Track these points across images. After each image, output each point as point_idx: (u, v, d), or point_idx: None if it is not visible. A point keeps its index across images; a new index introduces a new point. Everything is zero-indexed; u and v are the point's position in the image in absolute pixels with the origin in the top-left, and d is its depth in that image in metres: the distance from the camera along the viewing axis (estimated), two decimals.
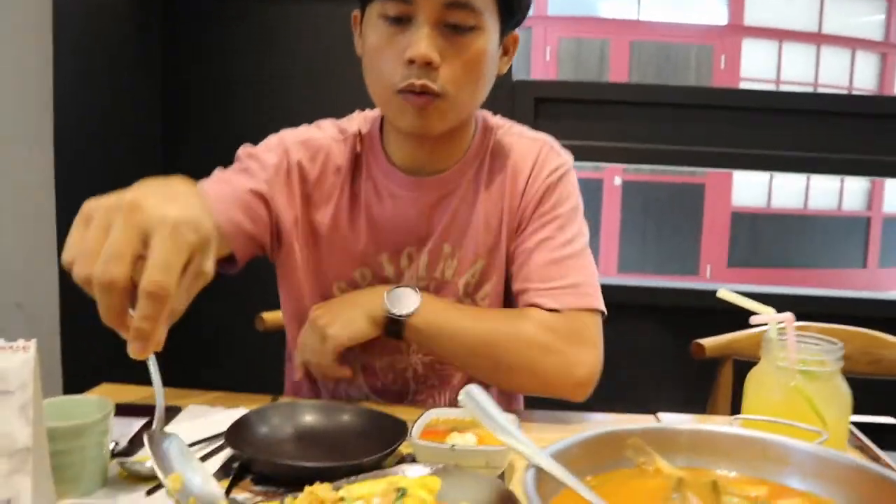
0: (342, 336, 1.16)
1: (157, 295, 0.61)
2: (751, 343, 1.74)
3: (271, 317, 1.72)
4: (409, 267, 1.25)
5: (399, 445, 0.93)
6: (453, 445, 0.88)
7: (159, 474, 0.67)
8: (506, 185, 1.23)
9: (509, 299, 1.27)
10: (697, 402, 1.83)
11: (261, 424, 1.02)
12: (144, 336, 0.62)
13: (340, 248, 1.26)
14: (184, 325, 0.69)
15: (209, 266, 0.68)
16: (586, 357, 1.15)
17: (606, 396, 1.27)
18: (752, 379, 0.96)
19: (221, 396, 1.25)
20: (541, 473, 0.57)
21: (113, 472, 0.91)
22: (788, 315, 0.92)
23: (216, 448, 1.00)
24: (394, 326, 1.15)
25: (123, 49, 2.56)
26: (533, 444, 0.59)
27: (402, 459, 0.97)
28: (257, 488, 0.89)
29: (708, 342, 1.72)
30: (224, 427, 1.05)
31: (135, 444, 0.99)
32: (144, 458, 0.94)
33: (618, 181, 8.78)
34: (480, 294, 1.26)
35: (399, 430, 0.97)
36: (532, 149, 1.25)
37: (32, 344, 0.72)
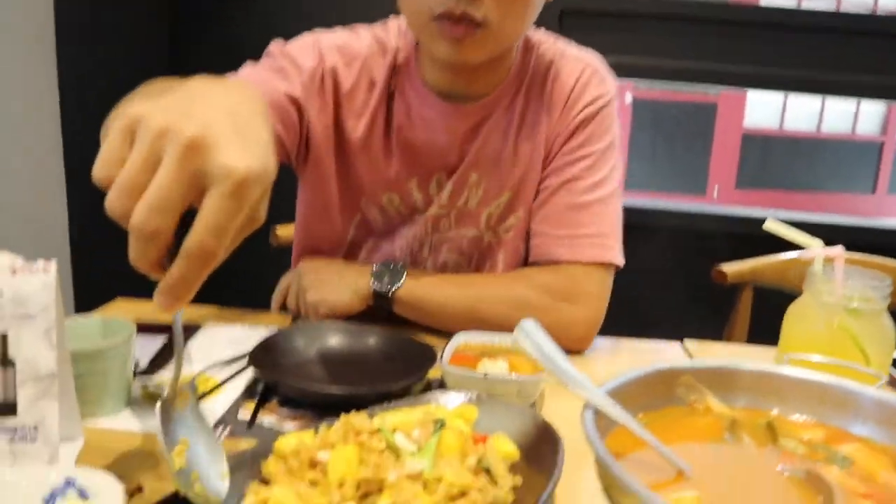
0: (322, 306, 1.13)
1: (203, 258, 0.50)
2: (773, 270, 1.72)
3: (286, 232, 1.67)
4: (438, 195, 1.20)
5: (428, 371, 0.91)
6: (486, 374, 0.86)
7: (164, 449, 0.59)
8: (541, 114, 1.16)
9: None
10: (708, 326, 1.82)
11: (286, 346, 0.99)
12: (179, 295, 0.51)
13: (370, 167, 1.20)
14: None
15: (263, 212, 0.56)
16: (583, 314, 1.11)
17: (617, 319, 1.26)
18: (793, 314, 0.93)
19: (240, 314, 1.22)
20: (597, 412, 0.54)
21: (135, 392, 0.90)
22: (838, 249, 0.88)
23: (239, 370, 0.98)
24: (381, 301, 1.12)
25: None
26: (590, 382, 0.56)
27: (429, 385, 0.96)
28: (284, 410, 0.87)
29: (730, 268, 1.69)
30: (245, 347, 1.03)
31: (156, 364, 0.97)
32: (167, 379, 0.92)
33: (629, 98, 8.61)
34: (504, 227, 1.22)
35: (427, 356, 0.95)
36: (573, 72, 1.16)
37: (53, 265, 0.68)
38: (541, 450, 0.73)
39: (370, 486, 0.61)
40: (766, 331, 1.50)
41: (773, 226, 0.90)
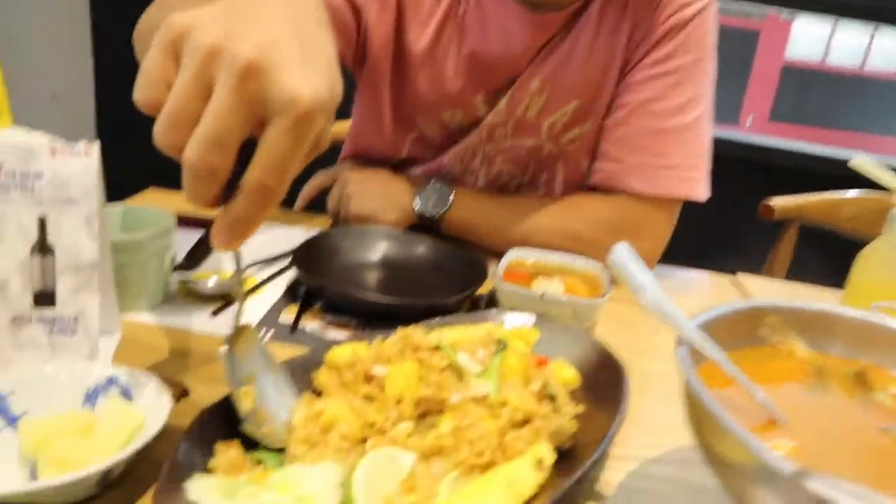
0: (364, 216, 1.06)
1: (265, 196, 0.44)
2: (822, 209, 1.64)
3: (333, 129, 1.61)
4: (504, 108, 1.09)
5: (479, 286, 0.87)
6: (543, 294, 0.81)
7: (231, 387, 0.55)
8: (624, 13, 1.02)
9: None
10: (744, 259, 1.77)
11: (330, 249, 0.94)
12: (239, 233, 0.46)
13: (432, 82, 1.09)
14: None
15: (327, 140, 0.49)
16: (640, 250, 1.01)
17: None
18: (866, 258, 0.87)
19: (279, 214, 1.17)
20: (691, 348, 0.50)
21: (173, 286, 0.86)
22: None
23: (280, 270, 0.94)
24: (427, 222, 1.05)
25: None
26: (683, 316, 0.51)
27: (477, 301, 0.91)
28: (328, 317, 0.83)
29: (778, 203, 1.62)
30: (285, 247, 0.98)
31: (193, 258, 0.93)
32: (205, 276, 0.89)
33: None
34: (567, 137, 1.11)
35: (478, 270, 0.90)
36: None
37: (95, 147, 0.63)
38: (601, 378, 0.69)
39: (430, 406, 0.58)
40: (806, 271, 1.44)
41: (858, 163, 0.83)
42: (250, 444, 0.56)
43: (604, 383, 0.69)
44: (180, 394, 0.59)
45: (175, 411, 0.60)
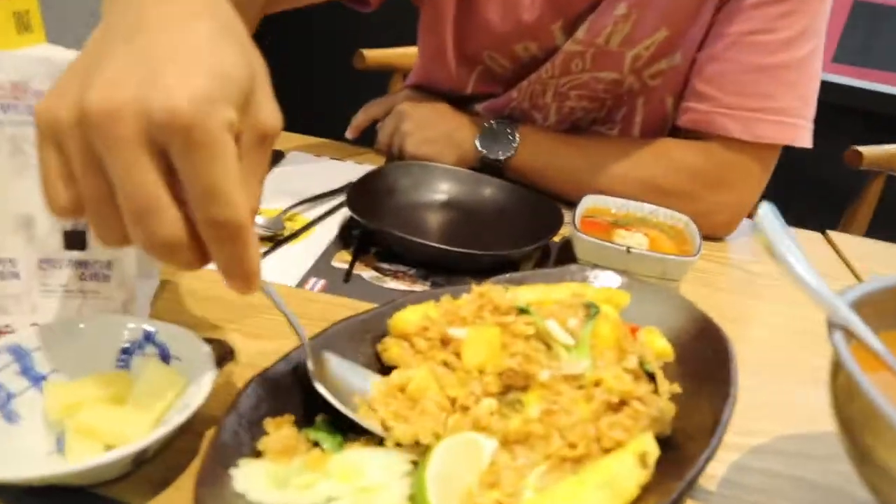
0: (420, 157, 0.96)
1: (235, 236, 0.38)
2: None
3: (373, 54, 1.50)
4: (583, 36, 0.95)
5: (553, 236, 0.78)
6: (629, 248, 0.72)
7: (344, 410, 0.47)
8: None
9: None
10: (813, 210, 1.64)
11: (386, 188, 0.86)
12: (240, 276, 0.40)
13: (506, 10, 0.96)
14: (269, 62, 0.43)
15: (268, 117, 0.40)
16: (729, 201, 0.91)
17: None
18: None
19: (327, 144, 1.09)
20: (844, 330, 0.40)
21: None
22: None
23: (331, 209, 0.86)
24: (489, 167, 0.94)
25: None
26: (829, 292, 0.42)
27: (547, 251, 0.82)
28: (384, 266, 0.75)
29: (867, 151, 1.48)
30: (336, 182, 0.90)
31: None
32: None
33: None
34: (651, 71, 0.97)
35: (552, 218, 0.81)
36: None
37: None
38: (699, 351, 0.60)
39: (514, 380, 0.49)
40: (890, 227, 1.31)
41: None
42: (304, 421, 0.48)
43: (702, 357, 0.60)
44: (226, 355, 0.52)
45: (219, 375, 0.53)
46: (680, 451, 0.49)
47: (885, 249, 1.04)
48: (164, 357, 0.51)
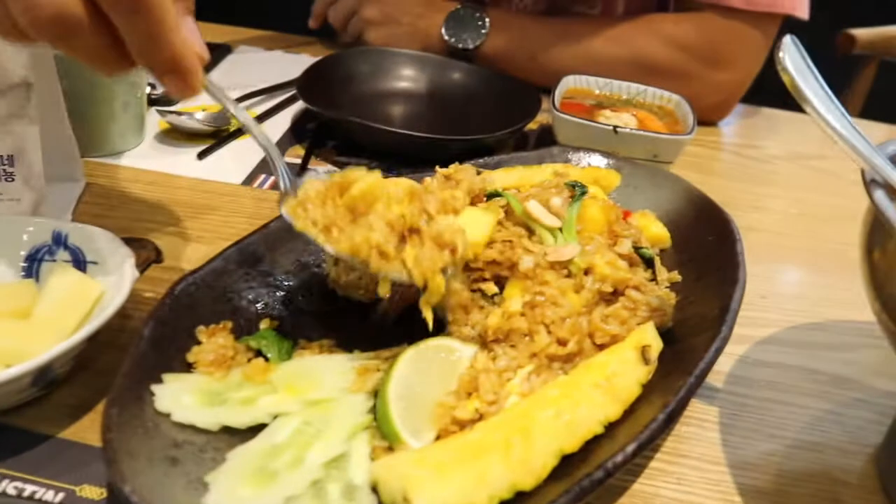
0: (379, 45, 0.85)
1: (143, 4, 0.32)
2: None
3: None
4: None
5: (532, 119, 0.69)
6: (616, 127, 0.64)
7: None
8: None
9: None
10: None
11: (343, 75, 0.76)
12: (173, 66, 0.34)
13: None
14: None
15: None
16: (724, 79, 0.83)
17: None
18: None
19: (279, 37, 0.98)
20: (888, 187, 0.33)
21: (152, 123, 0.69)
22: None
23: (282, 100, 0.76)
24: (459, 55, 0.84)
25: None
26: (872, 147, 0.34)
27: (525, 138, 0.74)
28: (343, 160, 0.67)
29: (861, 33, 1.38)
30: (289, 75, 0.80)
31: None
32: (194, 108, 0.72)
33: None
34: None
35: (530, 102, 0.72)
36: None
37: None
38: (699, 236, 0.54)
39: (499, 269, 0.42)
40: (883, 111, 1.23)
41: None
42: (244, 329, 0.41)
43: (703, 242, 0.53)
44: (152, 258, 0.44)
45: (147, 280, 0.45)
46: (684, 343, 0.43)
47: (886, 130, 0.97)
48: (78, 262, 0.43)
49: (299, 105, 0.75)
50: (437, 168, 0.49)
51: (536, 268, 0.41)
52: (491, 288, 0.42)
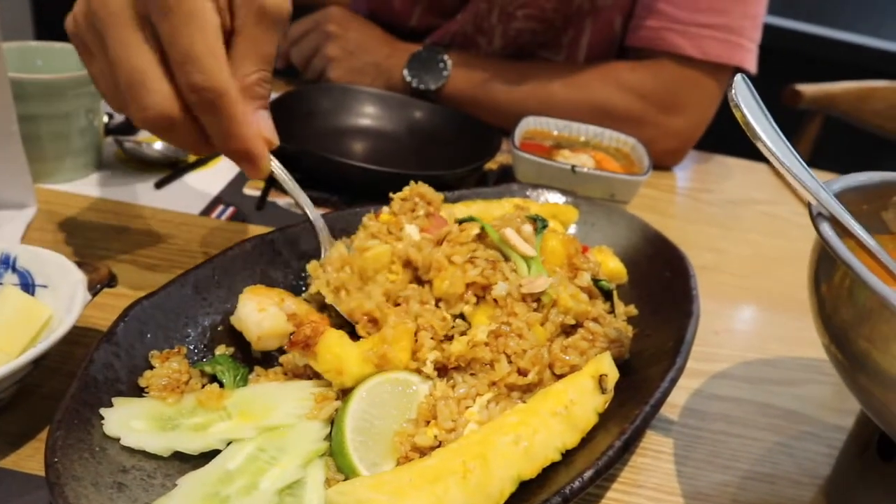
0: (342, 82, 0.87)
1: (215, 104, 0.39)
2: (853, 98, 1.48)
3: None
4: None
5: (492, 157, 0.70)
6: (574, 167, 0.65)
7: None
8: None
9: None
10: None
11: (306, 111, 0.76)
12: (243, 154, 0.42)
13: None
14: None
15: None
16: (679, 126, 0.85)
17: None
18: None
19: None
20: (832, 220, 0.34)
21: (109, 153, 0.68)
22: None
23: None
24: (421, 97, 0.85)
25: None
26: (819, 183, 0.36)
27: (484, 177, 0.75)
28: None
29: (807, 89, 1.44)
30: None
31: None
32: (151, 139, 0.71)
33: None
34: None
35: (489, 141, 0.73)
36: None
37: None
38: (654, 272, 0.55)
39: (476, 290, 0.43)
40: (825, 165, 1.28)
41: None
42: (200, 353, 0.40)
43: (659, 278, 0.54)
44: (104, 281, 0.43)
45: (99, 307, 0.44)
46: (640, 374, 0.43)
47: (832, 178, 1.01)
48: (27, 286, 0.42)
49: None
50: (391, 195, 0.50)
51: (508, 297, 0.41)
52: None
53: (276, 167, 0.46)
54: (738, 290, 0.65)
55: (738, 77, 0.35)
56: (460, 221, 0.46)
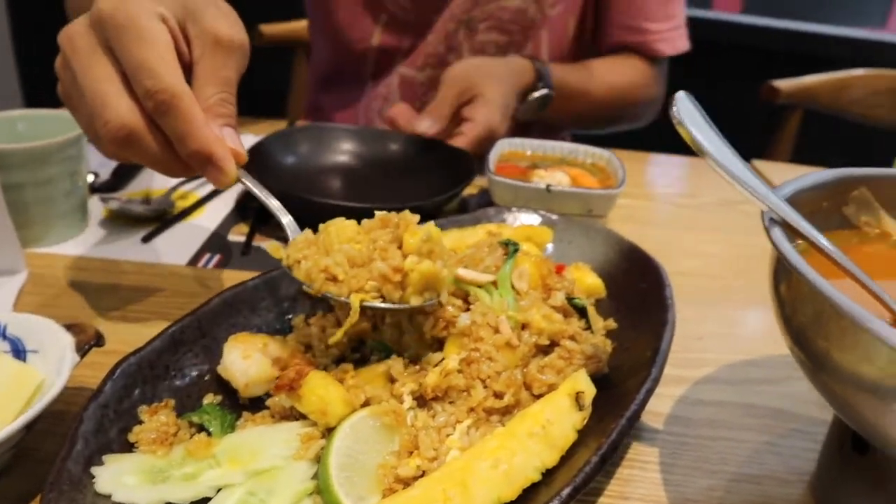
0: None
1: (169, 104, 0.41)
2: (831, 89, 1.49)
3: (271, 30, 1.42)
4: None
5: (468, 184, 0.72)
6: (549, 186, 0.66)
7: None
8: None
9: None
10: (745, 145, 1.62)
11: (286, 153, 0.78)
12: (207, 159, 0.42)
13: None
14: None
15: (218, 25, 0.44)
16: (660, 93, 1.08)
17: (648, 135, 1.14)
18: None
19: None
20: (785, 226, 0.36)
21: (96, 211, 0.70)
22: None
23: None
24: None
25: None
26: (767, 189, 0.37)
27: (465, 204, 0.77)
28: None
29: (784, 84, 1.46)
30: None
31: (120, 176, 0.77)
32: (136, 194, 0.73)
33: None
34: (549, 1, 0.97)
35: (464, 165, 0.75)
36: None
37: None
38: (632, 285, 0.56)
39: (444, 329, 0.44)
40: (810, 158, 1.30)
41: None
42: (190, 403, 0.41)
43: (636, 290, 0.55)
44: (91, 341, 0.44)
45: (89, 366, 0.45)
46: (619, 388, 0.44)
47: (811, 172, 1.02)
48: (18, 352, 0.43)
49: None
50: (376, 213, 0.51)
51: (472, 325, 0.43)
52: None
53: (244, 175, 0.46)
54: (720, 292, 0.66)
55: (680, 94, 0.36)
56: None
